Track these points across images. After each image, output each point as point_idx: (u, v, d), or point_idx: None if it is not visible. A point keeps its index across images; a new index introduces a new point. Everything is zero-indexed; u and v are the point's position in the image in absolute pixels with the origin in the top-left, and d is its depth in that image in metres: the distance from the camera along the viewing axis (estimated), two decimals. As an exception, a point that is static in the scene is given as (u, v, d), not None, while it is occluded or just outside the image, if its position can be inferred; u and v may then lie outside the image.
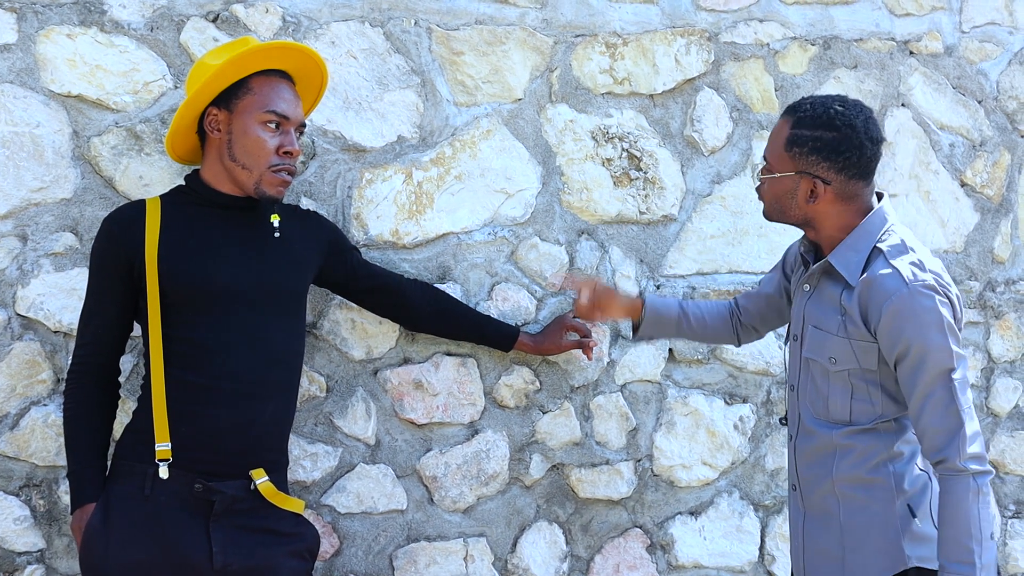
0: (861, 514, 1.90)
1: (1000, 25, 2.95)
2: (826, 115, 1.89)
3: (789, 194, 1.92)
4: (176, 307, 1.97)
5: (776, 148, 1.93)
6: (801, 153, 1.89)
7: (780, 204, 1.95)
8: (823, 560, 1.96)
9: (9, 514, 2.23)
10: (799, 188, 1.91)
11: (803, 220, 1.95)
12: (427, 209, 2.48)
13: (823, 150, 1.87)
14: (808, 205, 1.91)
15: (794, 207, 1.93)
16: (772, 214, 1.99)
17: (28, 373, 2.25)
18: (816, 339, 1.95)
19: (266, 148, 2.00)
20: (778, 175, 1.92)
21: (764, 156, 1.98)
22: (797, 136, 1.89)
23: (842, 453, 1.93)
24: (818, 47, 2.77)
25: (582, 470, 2.58)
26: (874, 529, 1.88)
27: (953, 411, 1.78)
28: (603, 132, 2.61)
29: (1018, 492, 2.95)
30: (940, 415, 1.78)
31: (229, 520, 1.95)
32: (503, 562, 2.53)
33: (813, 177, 1.89)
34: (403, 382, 2.46)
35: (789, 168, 1.91)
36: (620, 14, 2.62)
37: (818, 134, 1.88)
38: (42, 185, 2.25)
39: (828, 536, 1.95)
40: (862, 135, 1.88)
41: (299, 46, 2.06)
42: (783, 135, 1.92)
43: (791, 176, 1.91)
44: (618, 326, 2.61)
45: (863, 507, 1.90)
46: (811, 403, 1.99)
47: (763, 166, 1.98)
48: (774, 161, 1.93)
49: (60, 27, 2.25)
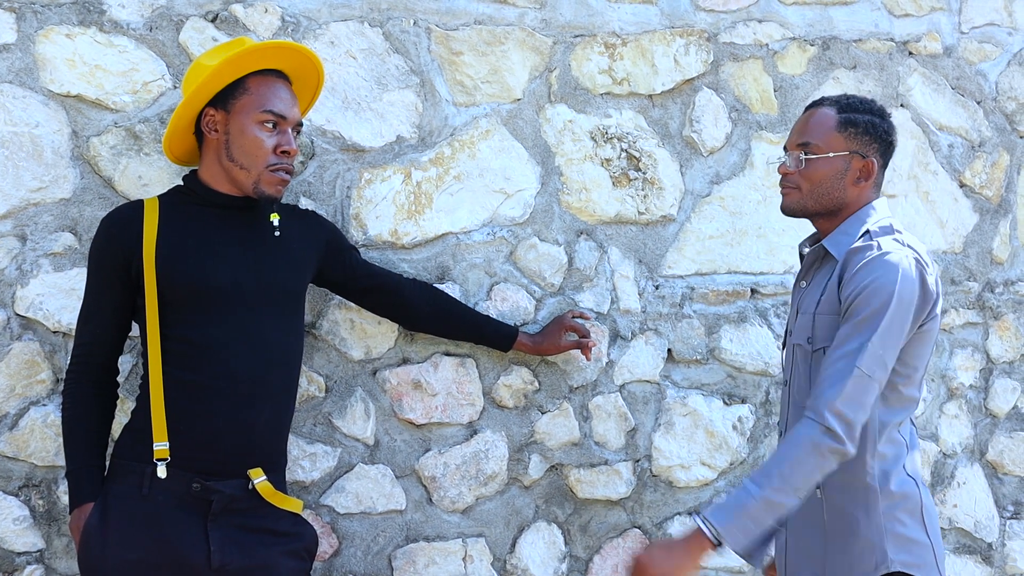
0: (845, 514, 1.89)
1: (999, 26, 2.96)
2: (874, 105, 1.98)
3: (838, 175, 1.95)
4: (174, 307, 1.97)
5: (826, 130, 1.95)
6: (856, 133, 1.94)
7: (825, 186, 1.96)
8: (805, 559, 1.95)
9: (8, 514, 2.23)
10: (850, 168, 1.95)
11: (839, 204, 1.97)
12: (426, 209, 2.49)
13: (875, 132, 1.94)
14: (854, 187, 1.95)
15: (839, 189, 1.95)
16: (807, 200, 1.98)
17: (27, 373, 2.25)
18: (802, 323, 1.98)
19: (264, 148, 2.00)
20: (832, 155, 1.94)
21: (804, 142, 1.97)
22: (850, 119, 1.94)
23: None
24: (817, 48, 2.77)
25: (581, 470, 2.58)
26: (858, 530, 1.87)
27: (848, 368, 1.77)
28: (602, 132, 2.61)
29: (1017, 493, 2.95)
30: (837, 366, 1.78)
31: (227, 519, 1.95)
32: (502, 562, 2.53)
33: (865, 158, 1.94)
34: (402, 382, 2.46)
35: (843, 148, 1.94)
36: (619, 14, 2.63)
37: (870, 119, 1.95)
38: (41, 185, 2.25)
39: (811, 535, 1.94)
40: (895, 130, 2.00)
41: (295, 46, 2.06)
42: (832, 119, 1.95)
43: (844, 156, 1.94)
44: (617, 327, 2.61)
45: (847, 507, 1.89)
46: (798, 393, 1.99)
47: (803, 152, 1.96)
48: (824, 143, 1.95)
49: (59, 27, 2.25)
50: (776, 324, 2.72)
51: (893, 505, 1.87)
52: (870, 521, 1.86)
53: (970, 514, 2.88)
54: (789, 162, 2.00)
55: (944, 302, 2.88)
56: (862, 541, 1.86)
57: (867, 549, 1.85)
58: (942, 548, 1.91)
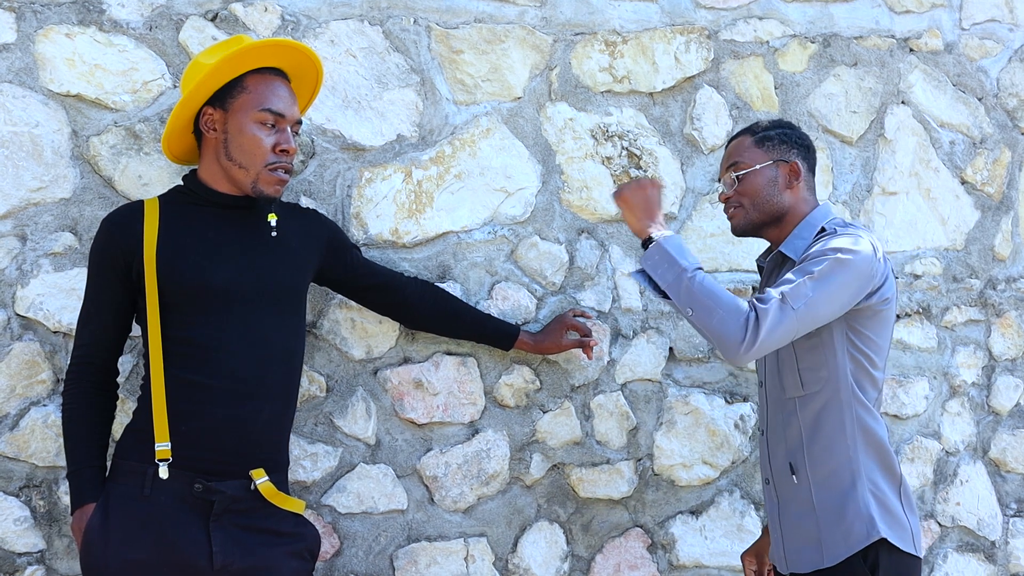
0: (833, 495, 2.02)
1: (1000, 22, 2.95)
2: (782, 121, 2.19)
3: (771, 183, 2.11)
4: (175, 307, 1.96)
5: (747, 149, 2.14)
6: (773, 145, 2.13)
7: (762, 195, 2.11)
8: (802, 543, 2.06)
9: (9, 515, 2.23)
10: (779, 175, 2.11)
11: (780, 210, 2.11)
12: (427, 208, 2.48)
13: (790, 140, 2.14)
14: (788, 191, 2.11)
15: (775, 195, 2.11)
16: (752, 214, 2.13)
17: (28, 373, 2.24)
18: None
19: (262, 147, 2.00)
20: (758, 166, 2.11)
21: (731, 165, 2.14)
22: (764, 135, 2.14)
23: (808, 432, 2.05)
24: (818, 45, 2.77)
25: (582, 469, 2.57)
26: (847, 505, 2.00)
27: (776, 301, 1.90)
28: (603, 130, 2.61)
29: (1019, 491, 2.95)
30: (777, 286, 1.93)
31: (229, 520, 1.95)
32: (504, 562, 2.53)
33: (788, 161, 2.11)
34: (403, 381, 2.45)
35: (765, 159, 2.12)
36: (619, 12, 2.62)
37: (781, 130, 2.15)
38: (41, 185, 2.25)
39: (804, 520, 2.06)
40: (808, 136, 2.19)
41: (294, 43, 2.06)
42: (749, 140, 2.15)
43: (769, 164, 2.11)
44: (619, 325, 2.61)
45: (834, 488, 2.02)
46: (771, 389, 2.14)
47: (734, 172, 2.13)
48: (748, 159, 2.12)
49: (59, 26, 2.25)
50: (778, 322, 2.72)
51: (875, 480, 2.02)
52: (857, 496, 2.00)
53: (973, 512, 2.88)
54: (724, 187, 2.16)
55: (946, 299, 2.88)
56: (851, 514, 1.99)
57: (857, 520, 1.99)
58: (918, 525, 2.05)
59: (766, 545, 2.31)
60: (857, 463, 2.02)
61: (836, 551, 1.99)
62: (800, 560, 2.06)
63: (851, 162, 2.80)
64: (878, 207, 2.82)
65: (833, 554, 1.99)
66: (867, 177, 2.81)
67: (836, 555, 1.99)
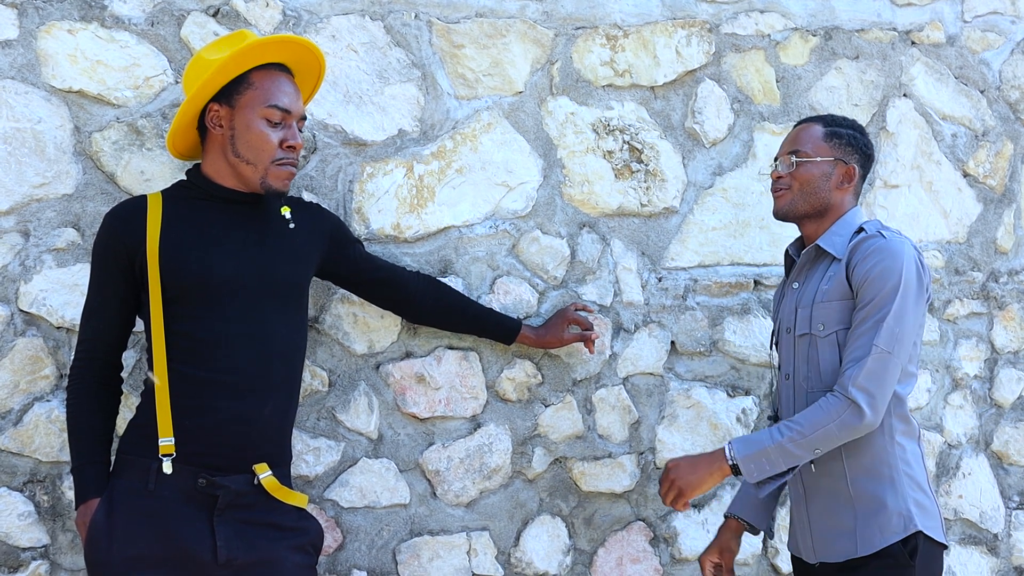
0: (871, 483, 2.06)
1: (1003, 14, 2.95)
2: (856, 124, 2.22)
3: (824, 178, 2.16)
4: (178, 302, 1.97)
5: (814, 140, 2.18)
6: (840, 144, 2.17)
7: (813, 187, 2.16)
8: (835, 535, 2.10)
9: (13, 510, 2.23)
10: (834, 173, 2.16)
11: (824, 207, 2.17)
12: (428, 203, 2.48)
13: (857, 144, 2.18)
14: (838, 190, 2.17)
15: (824, 191, 2.16)
16: (797, 201, 2.17)
17: (31, 369, 2.25)
18: (804, 316, 2.16)
19: (270, 143, 2.00)
20: (819, 159, 2.16)
21: (794, 149, 2.18)
22: (835, 131, 2.18)
23: None
24: (819, 38, 2.77)
25: (584, 463, 2.58)
26: (886, 496, 2.05)
27: (867, 346, 2.00)
28: (604, 124, 2.61)
29: (1022, 483, 2.95)
30: (857, 344, 2.02)
31: (233, 514, 1.96)
32: (506, 556, 2.53)
33: (847, 164, 2.16)
34: (405, 376, 2.46)
35: (828, 155, 2.16)
36: (620, 6, 2.62)
37: (853, 133, 2.19)
38: (44, 181, 2.25)
39: (837, 510, 2.10)
40: (873, 146, 2.24)
41: (298, 39, 2.06)
42: (819, 131, 2.18)
43: (829, 161, 2.16)
44: (620, 319, 2.61)
45: (872, 475, 2.06)
46: (806, 380, 2.15)
47: (795, 156, 2.17)
48: (812, 150, 2.17)
49: (61, 23, 2.25)
50: (780, 315, 2.72)
51: (912, 473, 2.07)
52: (896, 489, 2.06)
53: (975, 505, 2.88)
54: (781, 167, 2.20)
55: (948, 292, 2.88)
56: (890, 508, 2.05)
57: (896, 513, 2.04)
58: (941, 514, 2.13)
59: (728, 541, 2.34)
60: (895, 456, 2.07)
61: (871, 541, 2.05)
62: (832, 549, 2.10)
63: (853, 155, 2.80)
64: (880, 200, 2.82)
65: (868, 544, 2.05)
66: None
67: (871, 545, 2.05)
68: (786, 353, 2.23)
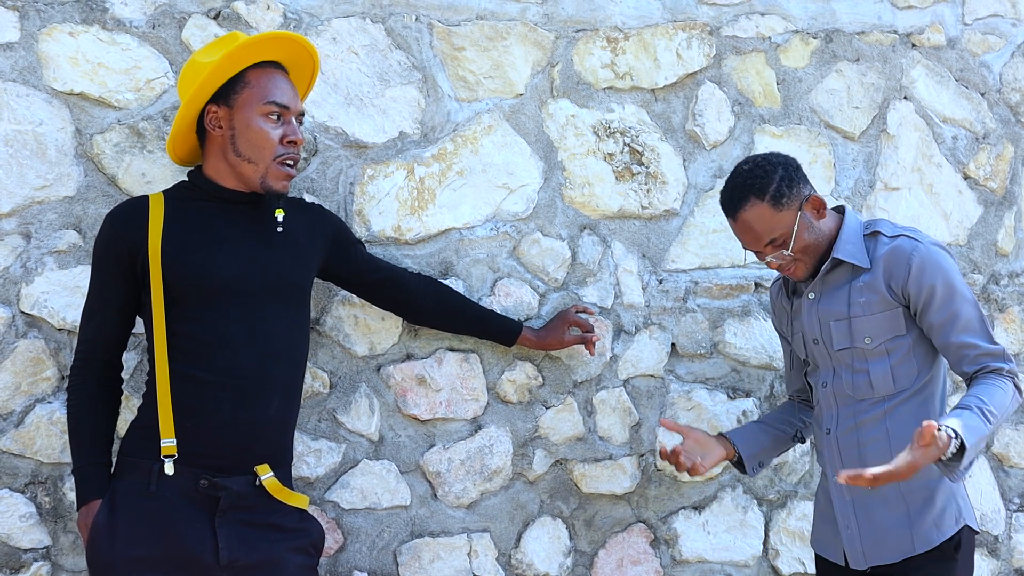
0: (922, 477, 2.06)
1: (1003, 17, 2.95)
2: (764, 165, 2.12)
3: (809, 230, 2.13)
4: (180, 302, 1.97)
5: (773, 219, 2.09)
6: (788, 198, 2.10)
7: (811, 241, 2.14)
8: (887, 536, 2.12)
9: (15, 511, 2.24)
10: (809, 217, 2.13)
11: (827, 241, 2.16)
12: (429, 205, 2.49)
13: (790, 180, 2.11)
14: (821, 223, 2.15)
15: (818, 234, 2.15)
16: (811, 262, 2.16)
17: (33, 371, 2.25)
18: (841, 330, 2.16)
19: (270, 139, 2.01)
20: (793, 227, 2.11)
21: (770, 242, 2.12)
22: (776, 194, 2.09)
23: (896, 428, 2.11)
24: (820, 40, 2.77)
25: (585, 465, 2.58)
26: (938, 491, 2.10)
27: (984, 329, 2.07)
28: (605, 127, 2.61)
29: (1022, 486, 2.95)
30: (973, 333, 2.06)
31: (234, 516, 1.96)
32: (507, 557, 2.54)
33: (807, 198, 2.13)
34: (406, 378, 2.46)
35: (793, 214, 2.10)
36: (621, 8, 2.62)
37: (779, 175, 2.10)
38: (45, 183, 2.26)
39: (889, 512, 2.12)
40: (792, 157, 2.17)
41: (291, 35, 2.06)
42: (766, 210, 2.09)
43: (799, 215, 2.11)
44: (621, 321, 2.61)
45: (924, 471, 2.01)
46: (851, 390, 2.16)
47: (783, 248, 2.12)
48: (783, 228, 2.10)
49: (62, 25, 2.26)
50: (780, 318, 2.72)
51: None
52: (944, 487, 2.10)
53: (976, 507, 2.88)
54: (774, 260, 2.15)
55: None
56: (941, 501, 2.10)
57: (948, 508, 2.10)
58: None
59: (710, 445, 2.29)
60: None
61: (928, 537, 2.08)
62: (883, 551, 2.12)
63: (853, 158, 2.80)
64: (880, 202, 2.82)
65: (925, 540, 2.08)
66: (869, 173, 2.81)
67: (929, 541, 2.08)
68: (823, 362, 2.23)
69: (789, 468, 2.71)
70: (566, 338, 2.47)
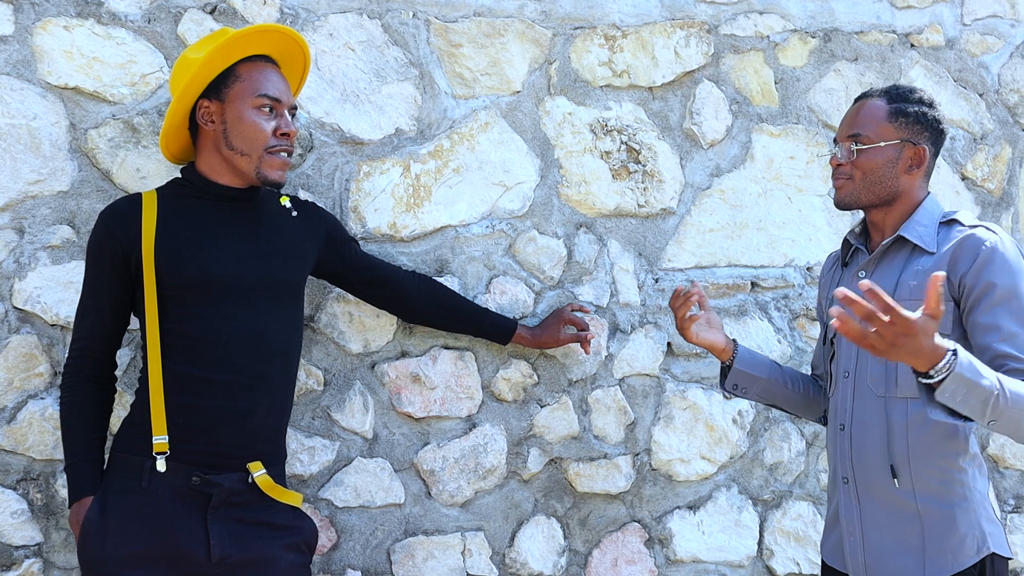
0: (943, 498, 1.89)
1: (1002, 18, 2.94)
2: (923, 95, 1.99)
3: (890, 164, 1.96)
4: (173, 300, 1.97)
5: (876, 121, 1.96)
6: (907, 123, 1.96)
7: (877, 175, 1.96)
8: (895, 553, 1.92)
9: (6, 508, 2.23)
10: (902, 157, 1.96)
11: (892, 194, 1.97)
12: (425, 202, 2.48)
13: (926, 121, 1.96)
14: (906, 175, 1.97)
15: (891, 177, 1.96)
16: (861, 192, 1.98)
17: (25, 366, 2.24)
18: None
19: (263, 131, 2.00)
20: (883, 144, 1.95)
21: (854, 133, 1.98)
22: (900, 108, 1.96)
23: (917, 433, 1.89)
24: (818, 40, 2.76)
25: (580, 464, 2.57)
26: (957, 513, 1.88)
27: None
28: (602, 125, 2.60)
29: (1018, 487, 2.95)
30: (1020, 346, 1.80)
31: (227, 513, 1.95)
32: (501, 556, 2.53)
33: (916, 145, 1.96)
34: (401, 376, 2.45)
35: (894, 137, 1.95)
36: (619, 6, 2.62)
37: (920, 108, 1.96)
38: (39, 178, 2.25)
39: (900, 526, 1.92)
40: (944, 119, 2.01)
41: (280, 28, 2.05)
42: (882, 110, 1.97)
43: (895, 144, 1.96)
44: (617, 320, 2.61)
45: (945, 490, 1.88)
46: (873, 384, 1.95)
47: (856, 143, 1.96)
48: (875, 133, 1.96)
49: (57, 19, 2.25)
50: (776, 318, 2.71)
51: (982, 488, 1.92)
52: (969, 507, 1.89)
53: (971, 508, 2.88)
54: (840, 153, 1.99)
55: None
56: (964, 527, 1.88)
57: (970, 535, 1.88)
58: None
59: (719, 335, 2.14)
60: (968, 472, 1.90)
61: (942, 564, 1.87)
62: (887, 568, 1.92)
63: (851, 157, 2.80)
64: (878, 203, 2.81)
65: (938, 567, 1.87)
66: (867, 173, 2.81)
67: (942, 568, 1.87)
68: (847, 349, 2.01)
69: (784, 468, 2.71)
70: (561, 336, 2.46)
